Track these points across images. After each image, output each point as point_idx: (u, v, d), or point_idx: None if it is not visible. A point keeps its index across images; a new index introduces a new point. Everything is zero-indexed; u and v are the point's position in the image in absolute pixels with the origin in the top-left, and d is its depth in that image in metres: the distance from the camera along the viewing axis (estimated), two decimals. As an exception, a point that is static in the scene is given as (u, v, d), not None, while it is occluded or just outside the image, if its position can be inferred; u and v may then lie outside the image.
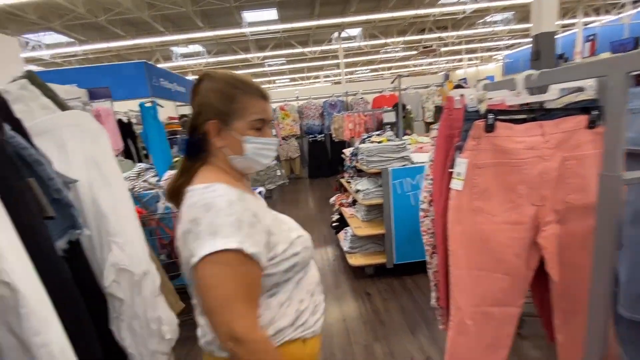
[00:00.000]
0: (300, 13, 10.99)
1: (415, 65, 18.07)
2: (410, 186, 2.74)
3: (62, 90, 5.73)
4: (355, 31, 12.85)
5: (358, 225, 3.03)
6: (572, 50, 12.29)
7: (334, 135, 6.51)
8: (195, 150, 0.77)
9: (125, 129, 4.46)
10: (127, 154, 4.87)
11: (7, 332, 0.60)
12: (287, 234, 0.78)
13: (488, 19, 12.46)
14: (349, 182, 3.44)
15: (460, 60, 16.17)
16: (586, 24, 11.13)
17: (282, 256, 0.75)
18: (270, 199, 6.04)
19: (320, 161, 7.82)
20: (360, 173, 3.31)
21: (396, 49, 14.45)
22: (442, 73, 7.68)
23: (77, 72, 7.77)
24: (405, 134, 3.60)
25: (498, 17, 12.47)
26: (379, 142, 2.82)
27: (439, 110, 5.11)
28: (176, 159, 3.25)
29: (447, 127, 1.15)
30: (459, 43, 14.09)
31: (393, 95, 6.94)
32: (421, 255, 2.91)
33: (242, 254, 0.66)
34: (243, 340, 0.65)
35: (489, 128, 0.99)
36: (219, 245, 0.64)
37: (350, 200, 3.58)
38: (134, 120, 6.93)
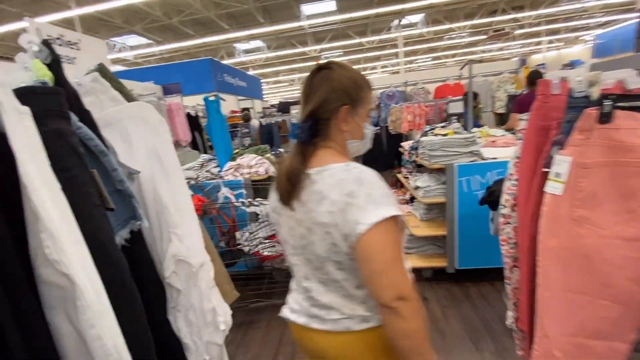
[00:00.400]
0: (359, 2, 10.70)
1: (483, 51, 16.55)
2: (478, 184, 2.47)
3: (141, 86, 6.27)
4: (416, 17, 12.15)
5: (416, 225, 2.84)
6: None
7: (390, 128, 6.21)
8: (311, 134, 0.80)
9: (192, 121, 4.77)
10: (194, 145, 5.23)
11: (67, 321, 0.61)
12: None
13: (576, -7, 10.84)
14: (407, 178, 3.23)
15: (539, 43, 14.43)
16: None
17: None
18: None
19: (375, 155, 7.55)
20: (420, 168, 3.08)
21: (462, 34, 13.37)
22: (517, 59, 6.86)
23: (154, 70, 8.56)
24: (478, 125, 3.16)
25: (589, -10, 10.77)
26: (444, 135, 2.58)
27: (512, 99, 4.52)
28: (236, 150, 3.36)
29: (541, 117, 0.94)
30: (538, 24, 12.53)
31: (459, 84, 6.40)
32: (488, 261, 2.65)
33: (399, 220, 0.74)
34: (408, 298, 0.71)
35: (605, 118, 0.78)
36: (385, 213, 0.70)
37: (407, 197, 3.37)
38: (200, 114, 7.41)
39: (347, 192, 0.72)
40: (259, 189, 2.84)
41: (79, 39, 4.68)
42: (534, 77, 3.43)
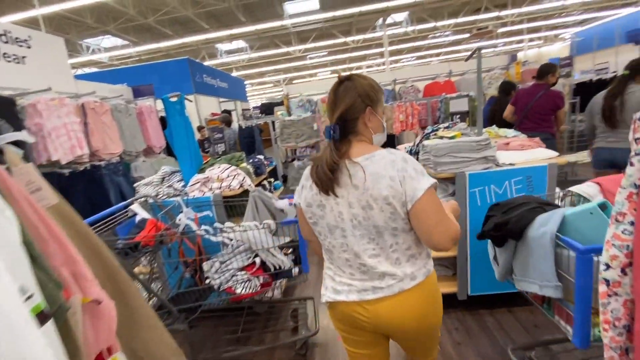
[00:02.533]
0: (342, 0, 10.25)
1: (467, 50, 16.36)
2: (494, 196, 2.03)
3: (107, 89, 5.61)
4: (401, 16, 11.79)
5: (419, 242, 2.38)
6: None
7: (380, 129, 5.80)
8: (344, 132, 0.97)
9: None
10: (169, 151, 4.64)
11: None
12: None
13: (557, -9, 10.70)
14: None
15: (521, 41, 14.31)
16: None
17: None
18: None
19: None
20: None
21: (446, 33, 13.10)
22: (507, 55, 6.50)
23: (128, 71, 7.89)
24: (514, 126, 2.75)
25: (569, -12, 10.65)
26: (451, 138, 2.13)
27: (508, 89, 3.99)
28: (207, 160, 2.83)
29: None
30: (520, 22, 12.38)
31: (449, 82, 6.02)
32: (505, 286, 2.23)
33: (435, 186, 0.93)
34: (457, 238, 0.93)
35: None
36: (431, 180, 0.91)
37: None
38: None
39: (399, 169, 0.91)
40: (232, 206, 2.33)
41: (29, 35, 4.03)
42: (546, 71, 3.06)
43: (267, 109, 6.77)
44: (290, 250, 1.93)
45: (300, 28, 11.56)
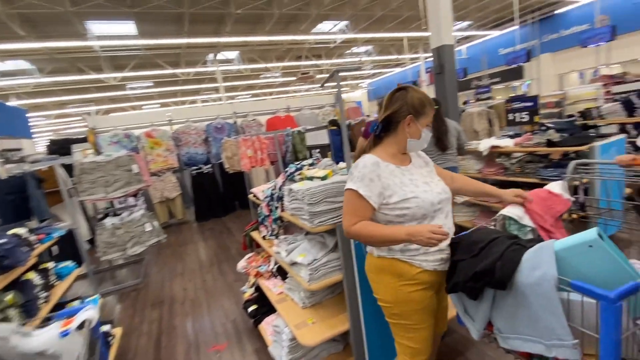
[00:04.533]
0: (166, 29, 8.98)
1: (295, 91, 17.87)
2: (381, 245, 1.61)
3: None
4: (232, 54, 11.53)
5: (300, 321, 1.69)
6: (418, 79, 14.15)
7: (226, 166, 4.94)
8: (386, 129, 1.21)
9: None
10: None
11: None
12: (404, 192, 1.14)
13: (354, 49, 13.15)
14: (270, 240, 2.08)
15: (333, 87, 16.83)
16: (427, 58, 12.92)
17: (394, 205, 1.13)
18: (140, 263, 3.98)
19: (210, 198, 5.96)
20: (284, 224, 2.01)
21: (276, 75, 13.80)
22: (331, 95, 7.14)
23: None
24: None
25: (362, 49, 13.31)
26: (323, 178, 1.61)
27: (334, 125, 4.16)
28: None
29: None
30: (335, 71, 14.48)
31: (288, 116, 5.88)
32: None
33: (356, 193, 1.13)
34: (347, 232, 1.16)
35: None
36: (348, 186, 1.15)
37: (272, 266, 2.20)
38: None
39: (350, 172, 1.20)
40: None
41: None
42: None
43: (61, 147, 4.70)
44: None
45: (112, 53, 9.39)
